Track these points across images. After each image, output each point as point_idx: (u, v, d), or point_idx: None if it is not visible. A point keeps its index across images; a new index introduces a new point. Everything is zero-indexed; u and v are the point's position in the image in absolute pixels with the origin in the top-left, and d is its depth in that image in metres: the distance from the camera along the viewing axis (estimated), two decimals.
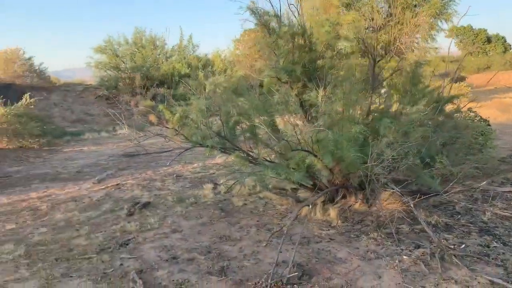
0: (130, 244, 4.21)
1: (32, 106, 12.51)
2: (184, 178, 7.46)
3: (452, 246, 3.86)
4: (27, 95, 12.39)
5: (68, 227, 4.90)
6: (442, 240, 3.93)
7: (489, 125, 7.26)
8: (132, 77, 20.92)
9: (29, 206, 6.03)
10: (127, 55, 21.76)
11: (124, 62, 21.46)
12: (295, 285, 3.20)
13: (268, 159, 5.10)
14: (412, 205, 4.07)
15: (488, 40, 42.44)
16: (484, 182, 5.14)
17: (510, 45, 42.71)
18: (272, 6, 4.63)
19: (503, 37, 42.75)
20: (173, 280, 3.38)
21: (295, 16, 4.64)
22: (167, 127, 5.28)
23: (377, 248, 3.95)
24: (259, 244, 4.11)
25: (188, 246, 4.11)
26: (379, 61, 4.85)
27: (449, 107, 5.88)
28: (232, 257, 3.80)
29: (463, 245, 3.89)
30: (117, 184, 7.10)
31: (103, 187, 7.01)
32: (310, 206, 4.20)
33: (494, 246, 3.89)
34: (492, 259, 3.59)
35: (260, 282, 3.22)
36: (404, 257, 3.68)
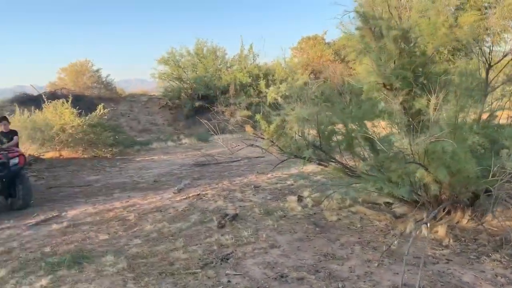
0: (231, 259, 4.06)
1: (106, 117, 12.92)
2: (262, 189, 7.28)
3: None
4: (101, 106, 12.83)
5: (161, 239, 4.85)
6: None
7: None
8: (194, 87, 21.26)
9: (116, 216, 6.08)
10: (189, 66, 22.15)
11: (185, 73, 21.86)
12: None
13: (365, 171, 4.79)
14: None
15: None
16: None
17: None
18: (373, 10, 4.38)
19: None
20: None
21: (395, 21, 4.35)
22: (263, 138, 5.11)
23: (506, 272, 3.55)
24: (369, 264, 3.81)
25: (293, 263, 3.89)
26: (493, 65, 4.44)
27: None
28: (344, 278, 3.54)
29: None
30: (198, 194, 7.05)
31: (184, 197, 6.98)
32: (428, 225, 3.86)
33: None
34: None
35: None
36: None
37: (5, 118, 7.94)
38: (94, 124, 12.25)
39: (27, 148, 11.15)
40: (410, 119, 4.40)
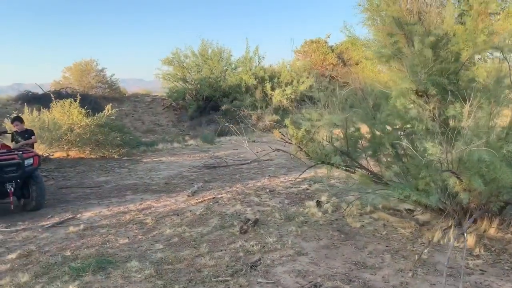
0: (260, 266, 3.98)
1: (114, 117, 12.83)
2: (278, 193, 7.20)
3: None
4: (109, 106, 12.74)
5: (183, 244, 4.76)
6: None
7: None
8: (199, 89, 21.18)
9: (133, 219, 6.00)
10: (193, 66, 22.08)
11: (190, 74, 21.78)
12: None
13: (391, 178, 4.72)
14: None
15: None
16: None
17: None
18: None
19: None
20: None
21: (427, 26, 4.27)
22: (290, 143, 5.03)
23: None
24: (403, 273, 3.74)
25: (324, 272, 3.81)
26: None
27: None
28: None
29: None
30: (213, 198, 6.97)
31: (199, 200, 6.90)
32: (466, 235, 3.78)
33: None
34: None
35: None
36: None
37: (18, 118, 7.86)
38: (102, 124, 12.16)
39: (35, 148, 11.04)
40: (442, 126, 4.32)
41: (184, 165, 11.04)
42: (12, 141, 7.88)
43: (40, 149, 10.95)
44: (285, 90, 19.55)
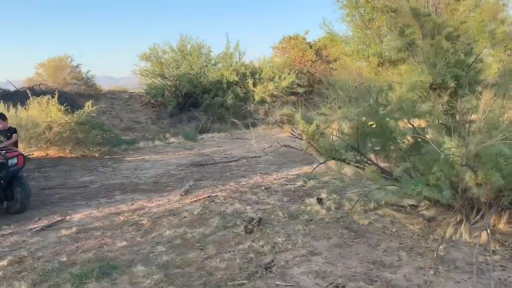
0: (274, 268, 3.81)
1: (94, 114, 12.37)
2: (274, 190, 7.04)
3: None
4: (89, 103, 12.26)
5: (188, 246, 4.54)
6: None
7: None
8: (178, 85, 20.78)
9: (127, 220, 5.72)
10: (172, 62, 21.64)
11: (169, 70, 21.35)
12: None
13: (401, 174, 4.62)
14: None
15: None
16: None
17: None
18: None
19: None
20: None
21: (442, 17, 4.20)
22: (300, 138, 4.86)
23: None
24: (424, 271, 3.64)
25: (343, 272, 3.67)
26: None
27: None
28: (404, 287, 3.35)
29: None
30: (209, 197, 6.75)
31: (194, 199, 6.67)
32: (488, 230, 3.70)
33: None
34: None
35: None
36: None
37: (1, 116, 7.39)
38: (82, 122, 11.68)
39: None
40: (453, 120, 4.25)
41: (170, 163, 10.72)
42: None
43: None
44: (267, 86, 19.39)
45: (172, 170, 9.74)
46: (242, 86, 19.56)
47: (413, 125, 4.50)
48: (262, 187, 7.29)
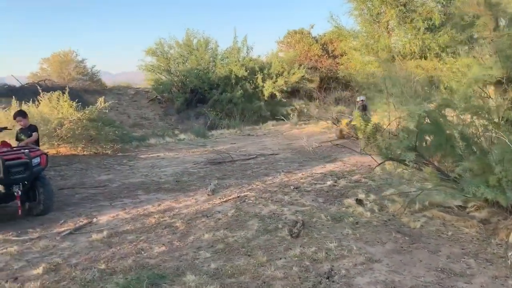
0: (336, 277, 3.54)
1: (106, 111, 12.07)
2: (306, 191, 6.76)
3: None
4: (101, 99, 11.95)
5: (233, 251, 4.27)
6: None
7: None
8: (185, 81, 20.45)
9: (159, 223, 5.44)
10: (178, 57, 21.28)
11: (176, 65, 21.00)
12: None
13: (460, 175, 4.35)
14: None
15: None
16: None
17: None
18: None
19: None
20: None
21: None
22: (356, 137, 4.57)
23: None
24: (502, 281, 3.38)
25: (413, 282, 3.41)
26: None
27: None
28: None
29: None
30: (238, 197, 6.47)
31: (224, 199, 6.39)
32: None
33: None
34: None
35: None
36: None
37: (21, 113, 7.06)
38: (94, 119, 11.37)
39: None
40: None
41: (187, 161, 10.44)
42: (16, 140, 7.10)
43: None
44: (276, 81, 19.07)
45: (190, 168, 9.46)
46: (251, 81, 19.23)
47: (473, 122, 4.23)
48: (292, 187, 7.01)
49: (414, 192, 5.08)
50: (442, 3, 21.54)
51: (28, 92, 16.91)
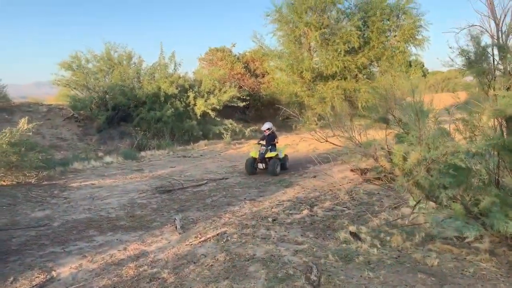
0: None
1: (30, 133, 10.53)
2: (287, 223, 6.30)
3: None
4: (24, 119, 10.40)
5: None
6: None
7: None
8: (105, 97, 18.97)
9: (139, 274, 4.61)
10: (98, 72, 19.72)
11: (97, 80, 19.40)
12: None
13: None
14: None
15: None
16: None
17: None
18: None
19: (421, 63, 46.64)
20: None
21: None
22: (391, 174, 4.20)
23: None
24: None
25: None
26: None
27: None
28: None
29: None
30: (217, 235, 5.80)
31: (201, 238, 5.68)
32: None
33: None
34: None
35: None
36: None
37: None
38: (16, 142, 9.80)
39: None
40: None
41: (129, 190, 9.40)
42: None
43: None
44: (208, 100, 18.43)
45: (138, 199, 8.49)
46: (181, 99, 18.35)
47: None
48: (269, 219, 6.51)
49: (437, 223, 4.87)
50: (360, 27, 22.75)
51: None
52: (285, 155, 11.38)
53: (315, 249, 5.04)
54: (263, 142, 11.00)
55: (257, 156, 10.71)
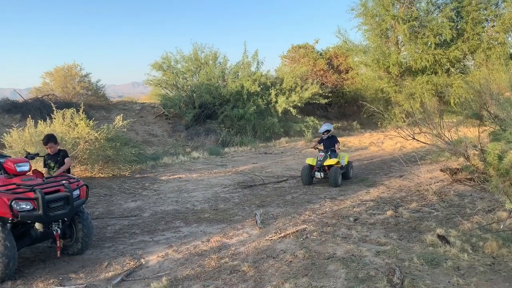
0: None
1: (125, 130, 11.35)
2: (369, 223, 6.11)
3: None
4: (120, 117, 11.23)
5: None
6: None
7: None
8: (193, 96, 19.80)
9: (220, 265, 4.74)
10: (186, 72, 20.62)
11: (185, 79, 20.34)
12: None
13: None
14: None
15: None
16: None
17: None
18: None
19: None
20: None
21: None
22: (484, 174, 3.94)
23: None
24: None
25: None
26: None
27: None
28: None
29: None
30: (297, 231, 5.79)
31: (281, 234, 5.70)
32: None
33: None
34: None
35: None
36: None
37: (52, 139, 6.32)
38: (112, 138, 10.64)
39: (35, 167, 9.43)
40: None
41: (213, 184, 9.74)
42: (44, 167, 6.37)
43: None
44: (289, 97, 18.49)
45: (221, 193, 8.77)
46: (263, 97, 18.62)
47: None
48: (351, 218, 6.36)
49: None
50: (453, 18, 21.32)
51: (31, 108, 16.14)
52: (349, 162, 9.78)
53: (399, 251, 4.83)
54: (321, 147, 9.67)
55: (314, 164, 9.20)
